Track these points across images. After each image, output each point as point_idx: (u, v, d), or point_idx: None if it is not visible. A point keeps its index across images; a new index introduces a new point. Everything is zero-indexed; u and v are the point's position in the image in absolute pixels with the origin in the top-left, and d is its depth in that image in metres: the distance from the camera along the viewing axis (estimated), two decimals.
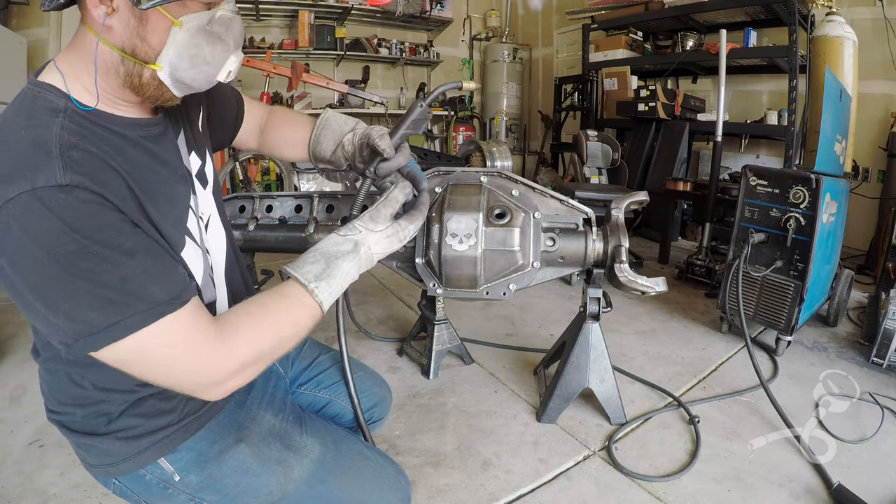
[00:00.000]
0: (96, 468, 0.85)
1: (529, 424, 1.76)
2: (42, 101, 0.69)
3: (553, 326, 2.57)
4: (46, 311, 0.63)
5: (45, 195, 0.61)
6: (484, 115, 6.89)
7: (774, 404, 1.70)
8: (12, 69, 3.63)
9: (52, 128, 0.66)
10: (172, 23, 0.69)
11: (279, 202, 1.68)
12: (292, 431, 0.95)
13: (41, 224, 0.60)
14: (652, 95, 4.37)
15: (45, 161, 0.63)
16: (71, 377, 0.80)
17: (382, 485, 0.98)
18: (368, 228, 0.89)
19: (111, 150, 0.71)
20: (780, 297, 2.21)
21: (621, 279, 1.39)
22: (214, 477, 0.86)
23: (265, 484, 0.88)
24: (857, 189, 3.80)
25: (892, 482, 1.49)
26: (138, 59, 0.71)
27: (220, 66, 0.77)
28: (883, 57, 3.83)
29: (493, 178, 1.44)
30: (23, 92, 0.72)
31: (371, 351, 2.26)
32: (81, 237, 0.62)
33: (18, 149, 0.64)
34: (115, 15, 0.68)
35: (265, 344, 0.76)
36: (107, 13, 0.67)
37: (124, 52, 0.70)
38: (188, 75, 0.74)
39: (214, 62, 0.75)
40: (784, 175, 2.23)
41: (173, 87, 0.75)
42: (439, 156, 3.89)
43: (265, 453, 0.90)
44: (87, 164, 0.66)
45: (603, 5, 5.13)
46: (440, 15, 6.25)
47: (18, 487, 1.40)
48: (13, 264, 0.61)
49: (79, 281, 0.62)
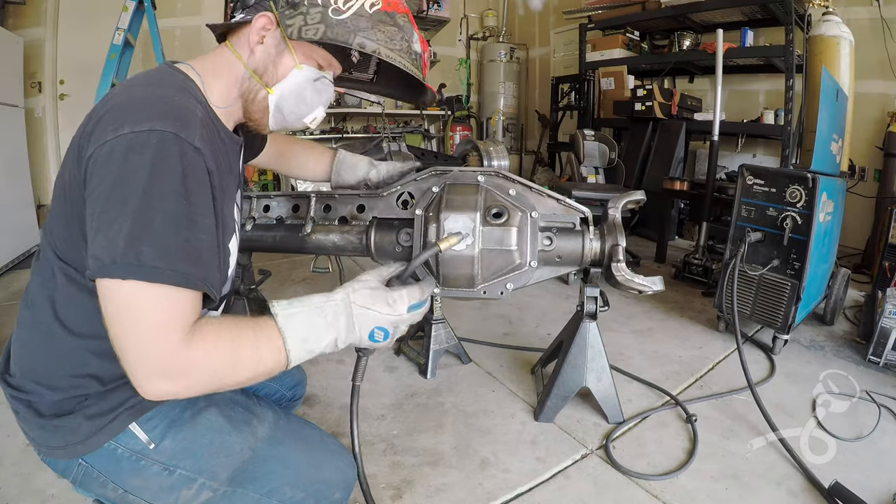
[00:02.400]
0: (61, 450, 0.82)
1: (527, 423, 1.76)
2: (188, 86, 0.85)
3: (550, 326, 2.57)
4: (110, 224, 0.68)
5: (184, 144, 0.74)
6: (481, 114, 6.89)
7: (761, 408, 1.70)
8: (9, 69, 3.61)
9: (197, 108, 0.82)
10: (296, 65, 0.93)
11: (276, 202, 1.67)
12: (248, 401, 1.00)
13: (168, 161, 0.71)
14: (649, 95, 4.37)
15: (192, 123, 0.77)
16: (83, 348, 0.81)
17: (331, 451, 1.02)
18: (353, 288, 0.88)
19: (214, 145, 0.85)
20: (776, 295, 2.22)
21: (618, 278, 1.39)
22: (189, 439, 0.87)
23: (237, 441, 0.91)
24: (853, 188, 3.81)
25: (889, 479, 1.49)
26: (261, 81, 0.93)
27: (311, 111, 1.00)
28: (879, 56, 3.84)
29: (490, 178, 1.44)
30: (166, 70, 0.87)
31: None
32: (187, 189, 0.73)
33: (173, 104, 0.77)
34: (262, 45, 0.91)
35: (220, 364, 0.74)
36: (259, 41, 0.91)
37: (255, 73, 0.92)
38: (287, 106, 0.96)
39: (309, 106, 0.98)
40: (781, 174, 2.24)
41: (272, 116, 0.96)
42: (436, 155, 3.88)
43: (233, 415, 0.94)
44: (208, 145, 0.80)
45: (600, 5, 5.14)
46: (437, 14, 6.24)
47: (17, 488, 1.40)
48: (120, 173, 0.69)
49: (159, 214, 0.70)
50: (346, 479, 1.01)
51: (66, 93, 4.56)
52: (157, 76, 0.85)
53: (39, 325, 0.83)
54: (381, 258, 1.55)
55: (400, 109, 6.45)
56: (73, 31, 4.42)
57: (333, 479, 0.99)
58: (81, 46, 4.38)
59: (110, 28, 3.64)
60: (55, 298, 0.82)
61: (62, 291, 0.81)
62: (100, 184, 0.71)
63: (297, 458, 0.97)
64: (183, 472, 0.86)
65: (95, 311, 0.71)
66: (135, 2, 3.59)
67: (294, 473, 0.95)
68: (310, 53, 0.94)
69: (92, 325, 0.78)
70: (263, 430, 0.96)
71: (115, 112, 0.75)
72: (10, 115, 3.56)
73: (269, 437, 0.95)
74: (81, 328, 0.81)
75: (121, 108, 0.75)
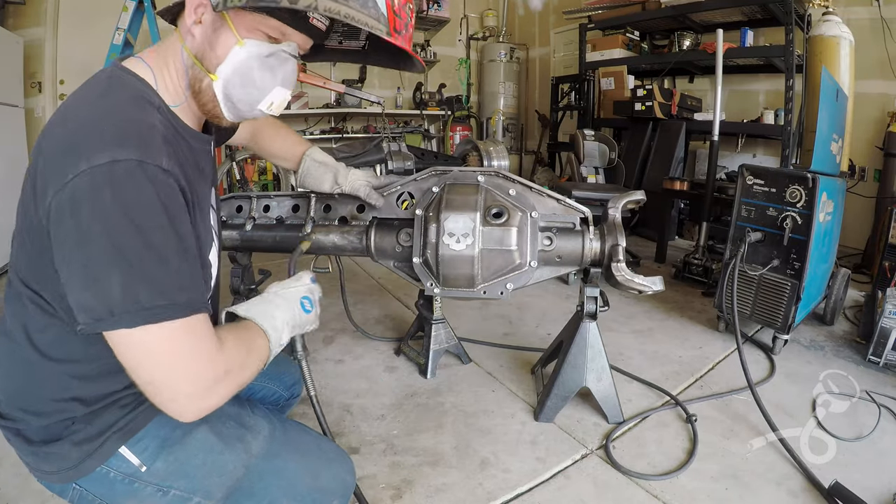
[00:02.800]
0: (53, 475, 0.82)
1: (527, 423, 1.76)
2: (140, 90, 0.78)
3: (550, 325, 2.57)
4: (97, 276, 0.65)
5: (150, 170, 0.68)
6: (481, 114, 6.89)
7: (761, 408, 1.70)
8: (9, 69, 3.61)
9: (156, 120, 0.76)
10: (238, 42, 0.80)
11: (276, 202, 1.67)
12: (241, 412, 0.98)
13: (140, 194, 0.66)
14: (649, 95, 4.37)
15: (156, 143, 0.71)
16: (62, 373, 0.80)
17: (328, 458, 1.01)
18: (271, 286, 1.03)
19: (181, 156, 0.80)
20: (776, 295, 2.21)
21: (618, 278, 1.39)
22: (181, 460, 0.86)
23: (230, 460, 0.89)
24: (853, 188, 3.81)
25: (889, 479, 1.49)
26: (202, 66, 0.81)
27: (263, 95, 0.85)
28: (879, 56, 3.84)
29: (490, 178, 1.44)
30: (112, 73, 0.79)
31: (368, 350, 2.26)
32: (169, 218, 0.69)
33: (129, 122, 0.71)
34: (200, 25, 0.80)
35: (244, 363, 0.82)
36: (195, 21, 0.80)
37: (196, 58, 0.81)
38: (236, 93, 0.83)
39: (260, 88, 0.84)
40: (781, 174, 2.24)
41: (223, 106, 0.85)
42: (436, 155, 3.88)
43: (225, 432, 0.92)
44: (175, 161, 0.74)
45: (600, 5, 5.13)
46: (437, 14, 6.24)
47: (17, 488, 1.40)
48: (92, 221, 0.64)
49: (147, 254, 0.66)
50: (344, 486, 1.00)
51: (66, 93, 4.53)
52: (105, 85, 0.77)
53: (17, 353, 0.81)
54: (381, 258, 1.55)
55: (400, 109, 6.45)
56: (73, 31, 4.42)
57: (331, 486, 0.98)
58: (81, 46, 4.37)
59: (110, 28, 3.64)
60: (28, 326, 0.80)
61: (34, 319, 0.79)
62: (70, 235, 0.65)
63: (293, 469, 0.96)
64: (177, 493, 0.85)
65: (69, 335, 0.72)
66: (135, 2, 3.60)
67: (291, 485, 0.94)
68: (255, 25, 0.80)
69: (68, 350, 0.79)
70: (258, 444, 0.94)
71: (67, 141, 0.68)
72: (10, 115, 3.56)
73: (264, 452, 0.94)
74: (58, 354, 0.80)
75: (72, 135, 0.68)
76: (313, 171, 1.42)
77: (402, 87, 6.59)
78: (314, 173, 1.42)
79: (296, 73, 0.89)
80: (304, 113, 5.80)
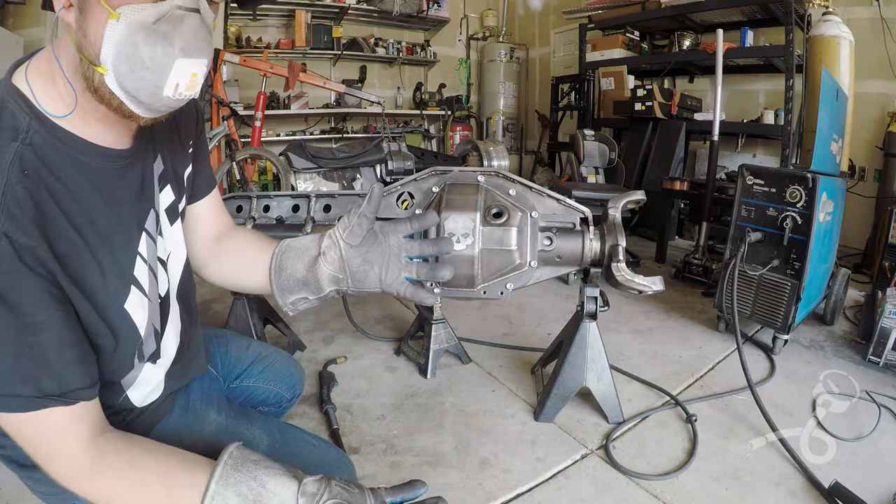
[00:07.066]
0: (53, 496, 0.83)
1: (527, 423, 1.76)
2: (7, 117, 0.63)
3: (550, 326, 2.57)
4: None
5: None
6: (481, 114, 6.90)
7: (761, 408, 1.70)
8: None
9: (6, 154, 0.61)
10: (110, 14, 0.59)
11: (276, 202, 1.68)
12: (239, 425, 0.96)
13: None
14: (649, 95, 4.37)
15: None
16: None
17: (330, 468, 1.00)
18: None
19: (65, 187, 0.65)
20: (776, 295, 2.22)
21: (618, 278, 1.39)
22: None
23: None
24: (853, 188, 3.81)
25: (889, 479, 1.49)
26: (85, 58, 0.63)
27: (163, 75, 0.64)
28: (879, 56, 3.84)
29: (490, 178, 1.44)
30: None
31: (368, 350, 2.26)
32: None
33: None
34: (72, 9, 0.62)
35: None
36: (63, 6, 0.61)
37: (78, 50, 0.63)
38: (129, 82, 0.63)
39: (154, 68, 0.63)
40: (781, 174, 2.24)
41: (126, 100, 0.65)
42: (436, 155, 3.89)
43: None
44: (26, 207, 0.60)
45: (600, 5, 5.14)
46: (437, 14, 6.25)
47: (17, 489, 1.39)
48: None
49: None
50: None
51: None
52: None
53: None
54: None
55: (400, 109, 6.45)
56: None
57: None
58: None
59: None
60: None
61: None
62: None
63: None
64: None
65: None
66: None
67: None
68: None
69: None
70: None
71: None
72: None
73: None
74: None
75: None
76: (284, 284, 0.95)
77: (402, 88, 6.60)
78: (285, 285, 0.95)
79: (204, 31, 0.67)
80: (304, 113, 5.81)
